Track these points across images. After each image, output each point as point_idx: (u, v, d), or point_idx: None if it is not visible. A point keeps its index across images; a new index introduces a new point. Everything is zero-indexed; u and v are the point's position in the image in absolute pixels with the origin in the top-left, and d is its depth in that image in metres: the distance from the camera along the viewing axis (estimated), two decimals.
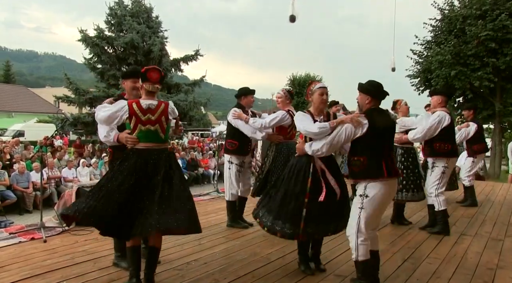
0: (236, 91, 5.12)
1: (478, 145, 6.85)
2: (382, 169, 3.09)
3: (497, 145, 15.59)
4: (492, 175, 15.14)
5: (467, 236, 5.05)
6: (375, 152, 3.12)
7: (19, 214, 9.30)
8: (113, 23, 20.07)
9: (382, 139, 3.17)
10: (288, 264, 3.85)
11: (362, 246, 3.12)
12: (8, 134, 24.23)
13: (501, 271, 3.85)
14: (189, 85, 21.25)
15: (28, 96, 39.07)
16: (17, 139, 15.16)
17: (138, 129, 3.12)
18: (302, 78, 30.76)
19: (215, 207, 6.45)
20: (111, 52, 20.11)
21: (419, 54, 16.14)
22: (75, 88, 19.24)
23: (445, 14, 15.41)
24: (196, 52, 20.88)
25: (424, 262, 4.02)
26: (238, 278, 3.48)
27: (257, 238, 4.70)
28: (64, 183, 10.89)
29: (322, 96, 3.48)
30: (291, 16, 6.73)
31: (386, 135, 3.23)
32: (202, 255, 4.05)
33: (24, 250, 4.12)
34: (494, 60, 13.67)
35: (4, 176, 9.43)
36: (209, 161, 15.81)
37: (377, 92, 3.22)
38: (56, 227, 4.85)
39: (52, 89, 42.03)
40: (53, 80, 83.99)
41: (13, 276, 3.41)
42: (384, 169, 3.09)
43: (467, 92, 14.74)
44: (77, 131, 21.22)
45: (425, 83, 15.97)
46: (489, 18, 13.67)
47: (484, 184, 9.67)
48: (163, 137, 3.18)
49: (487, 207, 6.96)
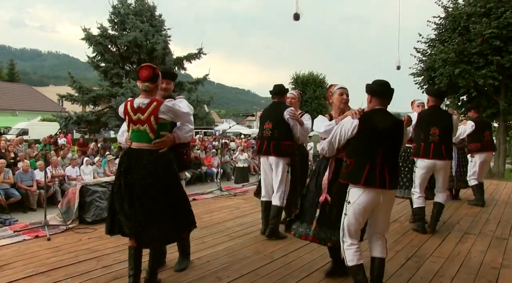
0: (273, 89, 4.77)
1: (473, 144, 6.87)
2: (362, 175, 2.91)
3: (501, 143, 15.51)
4: (497, 173, 15.06)
5: (471, 235, 5.03)
6: (363, 156, 2.97)
7: (23, 212, 9.34)
8: (117, 21, 20.13)
9: (375, 143, 2.97)
10: (291, 262, 3.85)
11: (349, 251, 3.03)
12: (12, 132, 24.26)
13: (505, 270, 3.83)
14: (192, 84, 21.30)
15: (32, 95, 39.19)
16: (21, 138, 15.22)
17: (130, 129, 3.08)
18: (305, 76, 30.72)
19: (218, 205, 6.46)
20: (114, 50, 20.17)
21: (423, 52, 16.07)
22: (79, 86, 19.32)
23: (449, 12, 15.32)
24: (200, 51, 20.92)
25: (427, 261, 4.01)
26: (241, 276, 3.48)
27: (260, 236, 4.71)
28: (67, 181, 10.92)
29: (341, 96, 3.46)
30: (295, 14, 6.71)
31: (382, 140, 2.98)
32: (205, 253, 4.05)
33: (28, 248, 4.14)
34: (498, 58, 13.58)
35: (9, 174, 9.47)
36: (212, 159, 15.81)
37: (376, 90, 3.08)
38: (60, 225, 4.87)
39: (56, 87, 42.20)
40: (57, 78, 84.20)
41: (17, 273, 3.43)
42: (364, 175, 2.91)
43: (471, 90, 14.67)
44: (80, 129, 21.30)
45: (429, 82, 15.88)
46: (493, 16, 13.58)
47: (488, 183, 9.62)
48: (153, 137, 3.01)
49: (491, 205, 6.93)
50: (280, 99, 4.74)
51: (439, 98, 5.11)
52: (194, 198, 6.83)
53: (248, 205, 6.52)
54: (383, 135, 2.98)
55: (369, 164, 2.93)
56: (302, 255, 4.06)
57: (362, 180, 2.92)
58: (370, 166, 2.92)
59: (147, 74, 3.02)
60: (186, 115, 3.22)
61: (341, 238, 3.08)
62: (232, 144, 20.71)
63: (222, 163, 12.72)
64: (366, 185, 2.92)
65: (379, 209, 3.03)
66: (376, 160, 2.93)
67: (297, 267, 3.72)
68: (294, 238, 4.57)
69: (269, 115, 4.70)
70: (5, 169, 9.42)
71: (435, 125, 4.89)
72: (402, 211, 6.08)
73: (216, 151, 16.40)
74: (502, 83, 14.25)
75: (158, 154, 3.02)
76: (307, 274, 3.56)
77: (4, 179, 9.28)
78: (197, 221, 5.24)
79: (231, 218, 5.61)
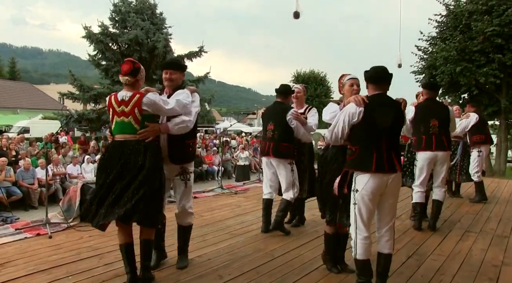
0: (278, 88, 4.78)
1: (478, 136, 6.87)
2: (371, 162, 2.91)
3: (502, 142, 15.48)
4: (498, 171, 15.04)
5: (472, 233, 5.03)
6: (368, 142, 2.95)
7: (25, 210, 9.37)
8: (117, 19, 20.09)
9: (380, 129, 2.95)
10: (292, 260, 3.85)
11: (362, 244, 2.99)
12: (13, 131, 24.33)
13: (506, 268, 3.83)
14: (193, 82, 21.24)
15: (33, 93, 39.25)
16: (22, 136, 15.25)
17: (114, 121, 3.16)
18: (306, 74, 30.69)
19: (219, 203, 6.46)
20: (115, 48, 20.13)
21: (424, 50, 16.03)
22: (80, 85, 19.30)
23: (450, 9, 15.27)
24: (201, 49, 20.88)
25: (428, 259, 4.01)
26: (242, 274, 3.49)
27: (261, 234, 4.71)
28: (69, 179, 10.95)
29: (352, 87, 3.44)
30: (295, 13, 6.72)
31: (386, 126, 2.97)
32: (206, 251, 4.06)
33: (30, 245, 4.15)
34: (500, 56, 13.53)
35: (10, 172, 9.49)
36: (213, 157, 15.82)
37: (374, 77, 3.03)
38: (61, 223, 4.88)
39: (57, 86, 42.22)
40: (58, 77, 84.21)
41: (19, 271, 3.44)
42: (374, 162, 2.90)
43: (473, 88, 14.63)
44: (81, 128, 21.30)
45: (430, 80, 15.85)
46: (495, 14, 13.53)
47: (490, 181, 9.62)
48: (138, 128, 3.10)
49: (492, 203, 6.92)
50: (284, 100, 4.74)
51: (432, 90, 5.11)
52: (195, 196, 6.83)
53: (249, 203, 6.53)
54: (387, 121, 2.96)
55: (375, 150, 2.92)
56: (303, 253, 4.06)
57: (373, 167, 2.90)
58: (377, 152, 2.91)
59: (127, 69, 3.14)
60: (170, 111, 3.20)
61: (353, 229, 3.03)
62: (233, 142, 20.71)
63: (223, 161, 12.72)
64: (377, 171, 2.91)
65: (386, 193, 2.99)
66: (383, 146, 2.93)
67: (298, 265, 3.73)
68: (295, 236, 4.62)
69: (271, 116, 4.72)
70: (7, 167, 9.45)
71: (434, 117, 4.89)
72: (404, 209, 6.07)
73: (217, 149, 16.42)
74: (504, 81, 14.21)
75: (146, 143, 3.09)
76: (308, 272, 3.56)
77: (6, 177, 9.31)
78: (198, 219, 5.30)
79: (232, 216, 5.61)
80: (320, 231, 4.75)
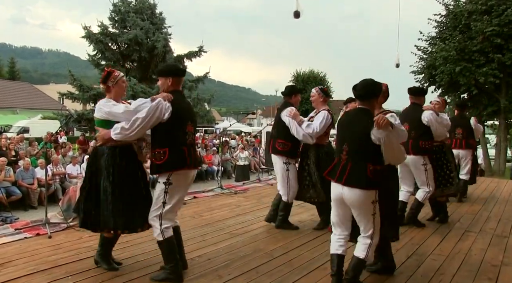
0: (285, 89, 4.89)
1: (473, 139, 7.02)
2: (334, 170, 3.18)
3: (502, 141, 15.50)
4: (497, 171, 15.06)
5: (471, 232, 5.04)
6: (337, 153, 3.20)
7: (24, 210, 9.36)
8: (117, 19, 20.11)
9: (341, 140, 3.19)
10: (292, 260, 3.86)
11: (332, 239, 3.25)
12: (13, 130, 24.32)
13: (505, 267, 3.84)
14: (193, 82, 21.26)
15: (32, 93, 39.23)
16: (21, 136, 15.25)
17: None
18: (305, 74, 30.62)
19: (218, 203, 6.46)
20: (115, 48, 20.15)
21: (423, 50, 16.04)
22: (79, 84, 19.32)
23: (450, 9, 15.28)
24: (200, 49, 20.90)
25: (428, 259, 4.02)
26: (242, 274, 3.49)
27: (261, 234, 4.72)
28: (68, 179, 10.94)
29: None
30: (295, 12, 6.72)
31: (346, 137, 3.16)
32: (206, 251, 4.06)
33: (29, 245, 4.15)
34: (499, 56, 13.55)
35: (10, 172, 9.49)
36: (213, 157, 15.82)
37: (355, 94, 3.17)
38: (61, 223, 4.87)
39: (57, 86, 42.20)
40: (57, 76, 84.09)
41: (18, 271, 3.44)
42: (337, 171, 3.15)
43: (472, 88, 14.65)
44: (81, 127, 21.30)
45: (430, 80, 15.86)
46: (494, 13, 13.55)
47: (489, 181, 9.63)
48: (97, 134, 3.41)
49: (492, 203, 6.93)
50: (288, 100, 4.87)
51: (413, 95, 5.09)
52: (195, 196, 6.83)
53: (249, 203, 6.53)
54: (346, 133, 3.15)
55: (337, 159, 3.16)
56: (303, 253, 4.07)
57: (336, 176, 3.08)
58: (337, 161, 3.14)
59: (102, 76, 3.37)
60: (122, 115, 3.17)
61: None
62: (233, 142, 20.71)
63: (222, 161, 12.72)
64: (328, 177, 3.17)
65: (349, 203, 3.05)
66: (342, 155, 3.10)
67: (297, 265, 3.73)
68: (295, 236, 4.62)
69: (275, 114, 4.99)
70: (6, 167, 9.44)
71: (405, 121, 4.79)
72: None
73: (216, 149, 16.41)
74: (503, 81, 14.22)
75: (101, 148, 3.33)
76: (307, 272, 3.57)
77: (5, 177, 9.31)
78: (198, 218, 5.31)
79: (231, 216, 5.61)
80: (320, 231, 4.76)
